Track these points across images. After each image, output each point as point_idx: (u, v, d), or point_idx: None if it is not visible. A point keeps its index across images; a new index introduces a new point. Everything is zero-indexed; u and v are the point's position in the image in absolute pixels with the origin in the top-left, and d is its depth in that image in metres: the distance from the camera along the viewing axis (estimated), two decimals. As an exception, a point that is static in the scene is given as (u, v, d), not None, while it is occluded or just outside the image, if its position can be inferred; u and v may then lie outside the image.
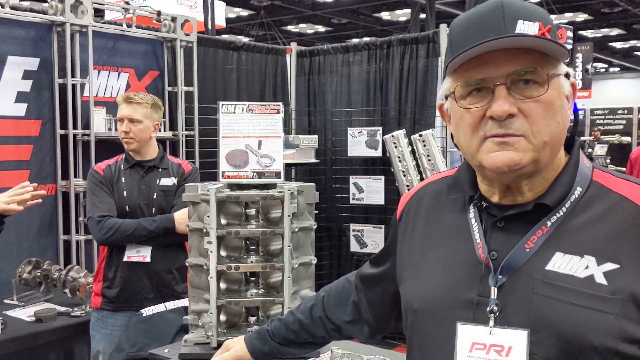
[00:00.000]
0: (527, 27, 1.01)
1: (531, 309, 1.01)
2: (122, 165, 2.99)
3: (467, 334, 1.05)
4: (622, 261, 0.98)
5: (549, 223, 1.04)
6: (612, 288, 0.97)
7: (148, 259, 2.88)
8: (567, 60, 1.07)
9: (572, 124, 1.14)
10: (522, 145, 1.01)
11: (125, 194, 2.92)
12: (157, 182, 2.97)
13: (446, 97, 1.11)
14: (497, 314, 1.03)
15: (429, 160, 4.76)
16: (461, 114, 1.06)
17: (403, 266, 1.24)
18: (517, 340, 1.01)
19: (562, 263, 1.01)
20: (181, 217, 2.80)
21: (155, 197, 2.94)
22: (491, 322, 1.03)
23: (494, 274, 1.05)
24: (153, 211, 2.93)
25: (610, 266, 0.98)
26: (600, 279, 0.98)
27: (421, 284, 1.16)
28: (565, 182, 1.06)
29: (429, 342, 1.13)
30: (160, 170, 3.00)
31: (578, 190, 1.06)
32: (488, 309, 1.04)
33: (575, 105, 1.12)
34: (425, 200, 1.25)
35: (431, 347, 1.12)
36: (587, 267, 0.99)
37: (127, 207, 2.91)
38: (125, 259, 2.88)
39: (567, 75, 1.07)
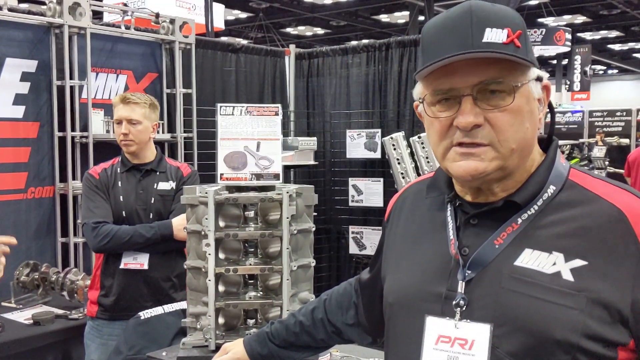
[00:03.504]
0: (494, 35, 1.02)
1: (496, 303, 1.03)
2: (119, 169, 2.90)
3: (434, 327, 1.08)
4: (590, 258, 1.00)
5: (519, 220, 1.06)
6: (578, 284, 0.98)
7: (145, 266, 2.80)
8: (536, 63, 1.08)
9: (549, 124, 1.16)
10: (488, 154, 1.03)
11: (121, 199, 2.84)
12: (155, 187, 2.89)
13: (420, 100, 1.13)
14: (464, 308, 1.05)
15: (428, 162, 4.75)
16: (431, 121, 1.09)
17: (387, 264, 1.27)
18: (480, 334, 1.03)
19: (530, 259, 1.03)
20: (179, 224, 2.72)
21: (152, 201, 2.87)
22: (457, 316, 1.06)
23: (463, 269, 1.07)
24: (150, 216, 2.85)
25: (578, 263, 1.00)
26: (567, 275, 1.00)
27: (398, 279, 1.20)
28: (537, 181, 1.08)
29: (401, 334, 1.16)
30: (158, 173, 2.92)
31: (551, 189, 1.07)
32: (454, 302, 1.06)
33: (549, 103, 1.13)
34: (408, 201, 1.29)
35: (402, 339, 1.15)
36: (554, 264, 1.01)
37: (123, 212, 2.83)
38: (121, 266, 2.80)
39: (539, 79, 1.08)
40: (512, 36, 1.02)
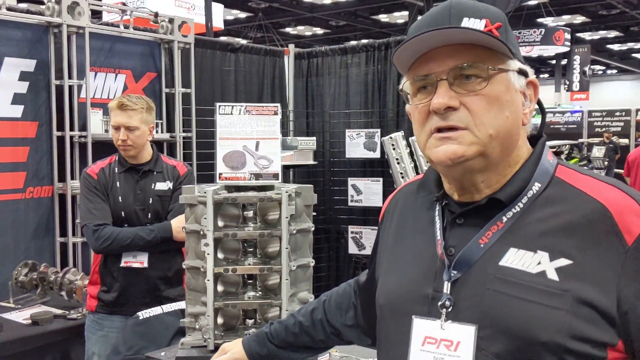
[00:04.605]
0: (472, 24, 1.04)
1: (482, 304, 1.01)
2: (117, 169, 2.92)
3: (420, 328, 1.07)
4: (576, 257, 0.98)
5: (504, 219, 1.05)
6: (563, 284, 0.97)
7: (145, 264, 2.84)
8: (520, 57, 1.08)
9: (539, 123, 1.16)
10: (466, 139, 1.03)
11: (120, 200, 2.86)
12: (153, 187, 2.91)
13: (405, 96, 1.14)
14: (450, 308, 1.04)
15: (427, 162, 4.75)
16: (412, 111, 1.10)
17: (380, 266, 1.27)
18: (465, 335, 1.02)
19: (515, 258, 1.01)
20: (178, 226, 2.75)
21: (150, 202, 2.89)
22: (443, 317, 1.05)
23: (448, 269, 1.06)
24: (149, 216, 2.88)
25: (563, 262, 0.98)
26: (552, 275, 0.98)
27: (389, 280, 1.19)
28: (521, 178, 1.06)
29: (391, 336, 1.15)
30: (155, 173, 2.94)
31: (536, 186, 1.06)
32: (440, 303, 1.05)
33: (539, 101, 1.13)
34: (400, 201, 1.29)
35: (392, 341, 1.14)
36: (539, 263, 0.99)
37: (122, 212, 2.85)
38: (122, 264, 2.84)
39: (524, 73, 1.08)
40: (489, 26, 1.04)
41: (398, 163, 4.87)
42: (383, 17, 19.30)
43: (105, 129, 4.16)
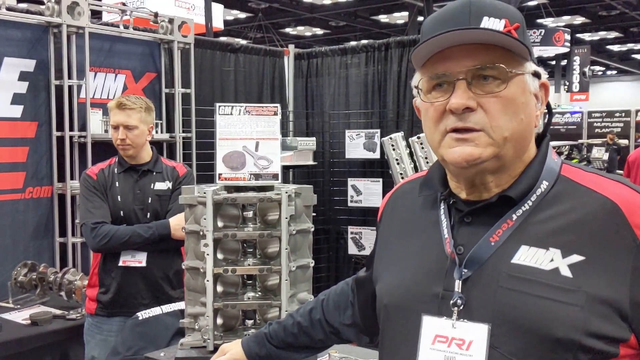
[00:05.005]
0: (492, 24, 1.03)
1: (495, 302, 1.01)
2: (116, 169, 2.93)
3: (430, 327, 1.06)
4: (587, 253, 0.98)
5: (514, 216, 1.05)
6: (577, 280, 0.97)
7: (144, 264, 2.84)
8: (534, 58, 1.08)
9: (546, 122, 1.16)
10: (482, 140, 1.02)
11: (119, 199, 2.87)
12: (152, 187, 2.92)
13: (417, 92, 1.12)
14: (461, 307, 1.04)
15: (427, 162, 4.75)
16: (426, 107, 1.09)
17: (379, 265, 1.26)
18: (478, 334, 1.01)
19: (527, 256, 1.01)
20: (177, 224, 2.75)
21: (149, 201, 2.89)
22: (454, 316, 1.04)
23: (459, 267, 1.05)
24: (148, 216, 2.88)
25: (575, 258, 0.99)
26: (565, 272, 0.98)
27: (392, 280, 1.18)
28: (530, 176, 1.07)
29: (397, 336, 1.14)
30: (154, 174, 2.95)
31: (544, 184, 1.06)
32: (451, 302, 1.04)
33: (548, 104, 1.12)
34: (400, 200, 1.28)
35: (398, 340, 1.13)
36: (552, 260, 1.00)
37: (121, 212, 2.86)
38: (120, 263, 2.84)
39: (537, 75, 1.08)
40: (509, 27, 1.03)
41: (398, 164, 4.87)
42: (383, 18, 19.31)
43: (105, 129, 4.16)
